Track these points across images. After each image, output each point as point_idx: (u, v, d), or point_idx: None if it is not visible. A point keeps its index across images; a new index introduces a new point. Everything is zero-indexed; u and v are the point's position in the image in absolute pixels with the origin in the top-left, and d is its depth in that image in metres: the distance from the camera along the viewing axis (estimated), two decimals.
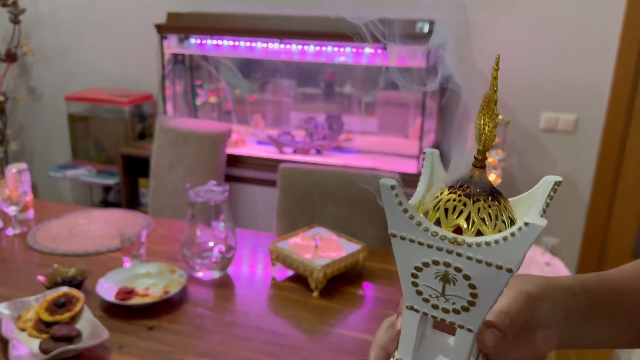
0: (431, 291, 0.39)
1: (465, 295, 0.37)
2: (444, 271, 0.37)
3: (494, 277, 0.36)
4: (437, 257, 0.37)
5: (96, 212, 1.85)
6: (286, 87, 2.87)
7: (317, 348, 1.16)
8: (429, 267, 0.38)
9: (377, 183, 0.39)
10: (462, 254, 0.36)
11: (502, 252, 0.35)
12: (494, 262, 0.35)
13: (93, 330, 1.13)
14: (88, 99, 2.94)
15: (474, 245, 0.35)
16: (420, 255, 0.37)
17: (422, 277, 0.38)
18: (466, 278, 0.37)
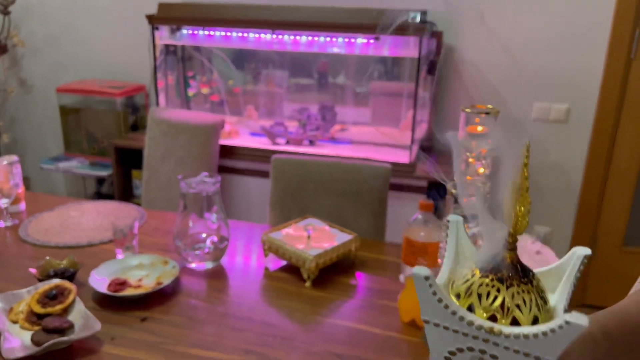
0: None
1: None
2: (479, 357, 0.37)
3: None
4: (473, 344, 0.37)
5: (88, 204, 1.84)
6: (279, 78, 2.86)
7: (309, 338, 1.17)
8: (464, 353, 0.38)
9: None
10: (499, 343, 0.35)
11: (541, 345, 0.34)
12: (532, 354, 0.35)
13: (85, 322, 1.13)
14: (80, 90, 2.92)
15: (512, 337, 0.35)
16: (454, 342, 0.37)
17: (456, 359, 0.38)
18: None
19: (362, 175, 1.80)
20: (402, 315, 1.23)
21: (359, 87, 2.78)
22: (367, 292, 1.37)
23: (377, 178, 1.79)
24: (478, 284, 0.37)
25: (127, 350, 1.10)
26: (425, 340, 1.14)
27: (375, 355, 1.11)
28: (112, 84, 2.96)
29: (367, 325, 1.22)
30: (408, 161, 2.40)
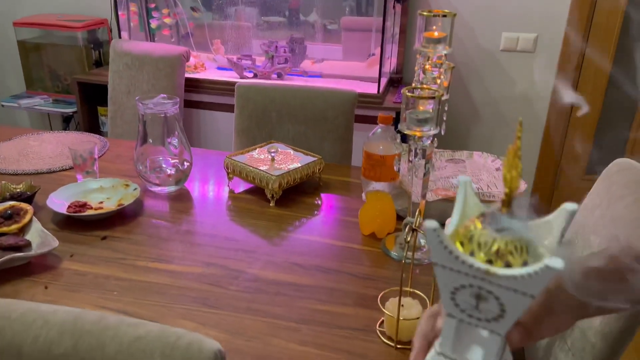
0: (467, 305, 0.47)
1: (495, 309, 0.46)
2: (477, 292, 0.45)
3: (519, 299, 0.44)
4: (472, 282, 0.45)
5: (48, 134, 1.80)
6: (249, 15, 2.77)
7: (272, 251, 1.18)
8: (466, 288, 0.46)
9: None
10: (493, 282, 0.44)
11: (526, 284, 0.42)
12: (519, 290, 0.43)
13: (43, 241, 1.12)
14: (38, 24, 2.80)
15: (502, 277, 0.43)
16: (458, 279, 0.45)
17: (459, 294, 0.47)
18: (496, 298, 0.45)
19: (327, 102, 1.78)
20: (362, 228, 1.24)
21: (330, 23, 2.72)
22: (330, 210, 1.38)
23: (343, 104, 1.78)
24: (479, 234, 0.45)
25: (86, 266, 1.10)
26: (385, 250, 1.16)
27: (335, 263, 1.13)
28: (71, 17, 2.84)
29: (328, 238, 1.24)
30: (377, 92, 2.38)
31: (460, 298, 0.46)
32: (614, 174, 1.13)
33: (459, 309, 0.47)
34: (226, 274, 1.08)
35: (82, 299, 1.00)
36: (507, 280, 0.43)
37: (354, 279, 1.08)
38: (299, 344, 0.90)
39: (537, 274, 0.41)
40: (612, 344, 0.91)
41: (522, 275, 0.42)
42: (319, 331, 0.93)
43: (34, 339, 0.62)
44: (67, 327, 0.63)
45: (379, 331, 0.93)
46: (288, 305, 1.00)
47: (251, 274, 1.09)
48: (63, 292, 1.02)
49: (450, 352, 0.50)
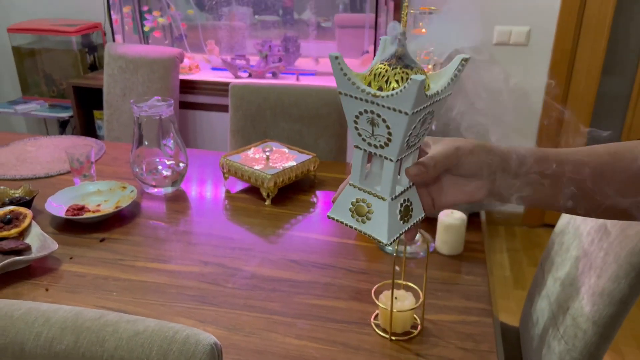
0: (366, 132, 0.54)
1: (384, 134, 0.52)
2: (371, 118, 0.52)
3: (398, 118, 0.50)
4: (366, 107, 0.51)
5: (45, 139, 1.81)
6: (243, 15, 2.78)
7: (268, 248, 1.19)
8: (363, 115, 0.52)
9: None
10: (379, 103, 0.50)
11: (400, 100, 0.49)
12: (397, 108, 0.49)
13: (42, 244, 1.14)
14: (32, 29, 2.81)
15: (385, 97, 0.49)
16: (357, 107, 0.52)
17: (359, 123, 0.54)
18: (384, 121, 0.51)
19: (320, 99, 1.79)
20: None
21: (324, 21, 2.73)
22: (325, 207, 1.40)
23: (336, 101, 1.79)
24: (376, 68, 0.52)
25: (86, 268, 1.12)
26: (378, 244, 1.18)
27: (330, 259, 1.15)
28: (65, 22, 2.85)
29: (324, 235, 1.25)
30: None
31: (361, 126, 0.53)
32: None
33: (361, 138, 0.54)
34: (223, 272, 1.10)
35: (82, 299, 1.02)
36: (387, 99, 0.49)
37: (349, 273, 1.10)
38: (296, 338, 0.92)
39: (406, 89, 0.48)
40: (603, 330, 0.93)
41: (395, 92, 0.48)
42: (315, 325, 0.95)
43: (36, 336, 0.63)
44: (68, 324, 0.64)
45: (373, 324, 0.95)
46: (284, 300, 1.01)
47: (248, 271, 1.11)
48: (63, 294, 1.04)
49: (357, 183, 0.57)
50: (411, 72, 0.51)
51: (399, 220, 0.57)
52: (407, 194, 0.58)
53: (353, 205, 0.58)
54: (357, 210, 0.58)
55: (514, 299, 2.27)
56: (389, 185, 0.55)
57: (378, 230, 0.56)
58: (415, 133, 0.53)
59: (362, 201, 0.57)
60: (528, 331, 1.22)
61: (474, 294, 1.03)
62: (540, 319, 1.15)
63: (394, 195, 0.56)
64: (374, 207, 0.57)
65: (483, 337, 0.92)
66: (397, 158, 0.53)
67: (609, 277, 0.91)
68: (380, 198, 0.56)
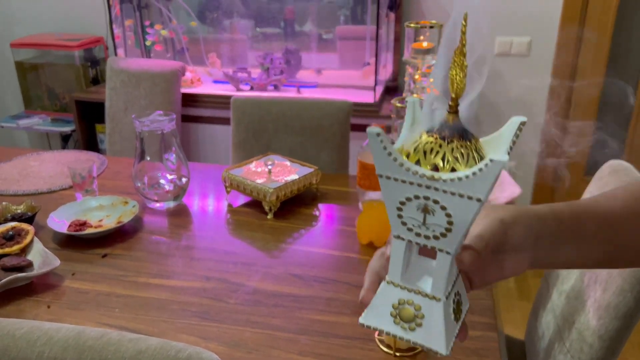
0: (414, 221, 0.44)
1: (442, 223, 0.43)
2: (424, 204, 0.42)
3: (466, 206, 0.41)
4: (418, 192, 0.42)
5: (48, 154, 1.82)
6: (244, 27, 2.80)
7: (270, 263, 1.19)
8: (412, 201, 0.43)
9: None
10: (439, 188, 0.41)
11: (472, 185, 0.40)
12: (465, 194, 0.41)
13: (44, 260, 1.14)
14: (35, 44, 2.83)
15: (448, 181, 0.40)
16: (403, 192, 0.43)
17: (406, 210, 0.44)
18: (443, 209, 0.42)
19: (322, 111, 1.80)
20: (360, 238, 1.25)
21: (326, 33, 2.74)
22: (328, 220, 1.40)
23: (338, 113, 1.79)
24: (424, 143, 0.43)
25: (88, 284, 1.11)
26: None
27: (333, 274, 1.14)
28: (68, 36, 2.87)
29: (326, 249, 1.25)
30: (372, 101, 2.40)
31: (407, 214, 0.44)
32: (607, 175, 1.14)
33: (407, 227, 0.45)
34: (226, 287, 1.10)
35: (85, 316, 1.01)
36: (453, 184, 0.40)
37: (352, 288, 1.09)
38: (299, 354, 0.91)
39: (482, 172, 0.39)
40: (609, 344, 0.92)
41: (467, 175, 0.40)
42: (317, 341, 0.94)
43: (38, 356, 0.63)
44: (70, 344, 0.64)
45: (377, 339, 0.94)
46: (287, 316, 1.01)
47: (250, 286, 1.10)
48: (66, 311, 1.03)
49: (399, 280, 0.47)
50: (471, 144, 0.43)
51: (453, 320, 0.48)
52: (457, 286, 0.49)
53: (395, 308, 0.48)
54: (402, 314, 0.47)
55: (519, 311, 2.26)
56: (443, 283, 0.46)
57: (433, 340, 0.47)
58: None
59: (407, 303, 0.47)
60: (534, 345, 1.21)
61: (478, 308, 1.02)
62: (545, 333, 1.14)
63: (447, 293, 0.47)
64: (425, 310, 0.47)
65: (488, 351, 0.91)
66: (456, 250, 0.45)
67: (614, 290, 0.91)
68: (432, 298, 0.47)
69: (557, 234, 0.54)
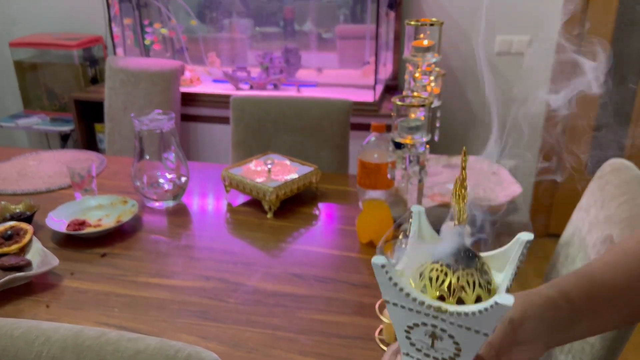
0: (422, 344, 0.45)
1: (450, 348, 0.44)
2: (432, 331, 0.44)
3: (473, 337, 0.42)
4: (425, 320, 0.43)
5: (47, 153, 1.81)
6: (243, 26, 2.79)
7: (270, 262, 1.18)
8: (419, 327, 0.44)
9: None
10: (446, 320, 0.42)
11: (479, 321, 0.41)
12: (472, 328, 0.42)
13: (43, 259, 1.13)
14: (34, 44, 2.82)
15: (455, 314, 0.41)
16: (411, 318, 0.44)
17: (414, 333, 0.45)
18: (450, 337, 0.43)
19: (322, 111, 1.79)
20: (360, 237, 1.25)
21: (325, 32, 2.74)
22: (328, 219, 1.39)
23: (338, 112, 1.79)
24: (429, 269, 0.44)
25: (87, 284, 1.11)
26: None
27: (333, 273, 1.14)
28: (67, 36, 2.86)
29: (326, 248, 1.24)
30: (372, 100, 2.39)
31: (416, 337, 0.45)
32: (607, 174, 1.14)
33: (415, 348, 0.46)
34: (225, 287, 1.09)
35: (84, 316, 1.01)
36: (459, 317, 0.41)
37: (352, 287, 1.09)
38: (299, 354, 0.90)
39: (487, 311, 0.40)
40: (611, 344, 0.92)
41: (472, 312, 0.41)
42: (318, 341, 0.93)
43: (36, 356, 0.62)
44: (69, 343, 0.63)
45: (378, 339, 0.94)
46: (287, 316, 1.00)
47: (250, 286, 1.10)
48: (64, 310, 1.03)
49: None
50: (476, 271, 0.44)
51: None
52: None
53: None
54: None
55: None
56: None
57: None
58: None
59: None
60: None
61: None
62: None
63: None
64: None
65: None
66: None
67: None
68: None
69: (570, 317, 0.54)
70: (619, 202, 1.01)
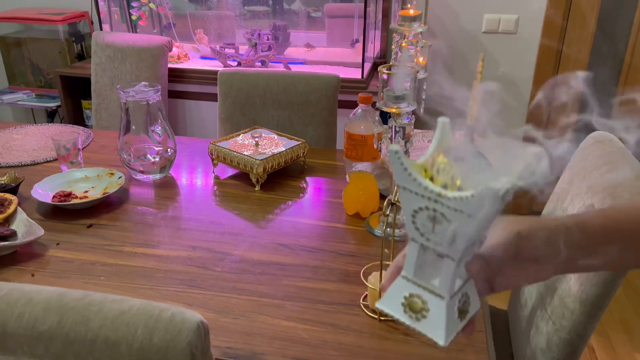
0: (425, 228, 0.50)
1: (448, 233, 0.48)
2: (433, 215, 0.48)
3: (467, 221, 0.46)
4: (428, 204, 0.48)
5: (32, 127, 1.79)
6: (232, 4, 2.76)
7: (257, 233, 1.19)
8: (423, 211, 0.49)
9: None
10: (444, 204, 0.46)
11: (471, 205, 0.45)
12: (465, 212, 0.46)
13: (28, 230, 1.13)
14: (18, 18, 2.77)
15: (452, 199, 0.46)
16: (417, 202, 0.48)
17: (418, 217, 0.49)
18: (448, 221, 0.47)
19: (310, 86, 1.79)
20: (347, 209, 1.25)
21: (314, 11, 2.72)
22: (315, 192, 1.40)
23: (325, 87, 1.78)
24: (439, 162, 0.49)
25: (73, 253, 1.11)
26: (368, 228, 1.18)
27: (320, 243, 1.15)
28: (51, 11, 2.81)
29: (313, 219, 1.25)
30: (360, 77, 2.39)
31: (419, 221, 0.49)
32: (590, 146, 1.15)
33: (419, 232, 0.50)
34: (212, 256, 1.10)
35: (69, 284, 1.01)
36: (455, 202, 0.46)
37: (338, 257, 1.10)
38: (285, 320, 0.91)
39: (479, 195, 0.44)
40: (590, 309, 0.94)
41: (467, 196, 0.45)
42: (303, 307, 0.95)
43: (18, 317, 0.63)
44: (52, 304, 0.64)
45: (362, 305, 0.95)
46: (273, 283, 1.01)
47: (237, 255, 1.10)
48: (50, 279, 1.03)
49: (411, 276, 0.53)
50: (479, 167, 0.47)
51: (456, 318, 0.53)
52: (465, 288, 0.54)
53: (406, 299, 0.54)
54: (411, 306, 0.53)
55: None
56: (448, 284, 0.51)
57: (434, 330, 0.52)
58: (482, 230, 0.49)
59: (416, 297, 0.53)
60: (516, 313, 1.22)
61: None
62: (528, 301, 1.16)
63: (452, 293, 0.52)
64: (430, 305, 0.52)
65: None
66: (460, 258, 0.50)
67: None
68: (437, 295, 0.52)
69: (582, 244, 0.55)
70: (600, 172, 1.03)
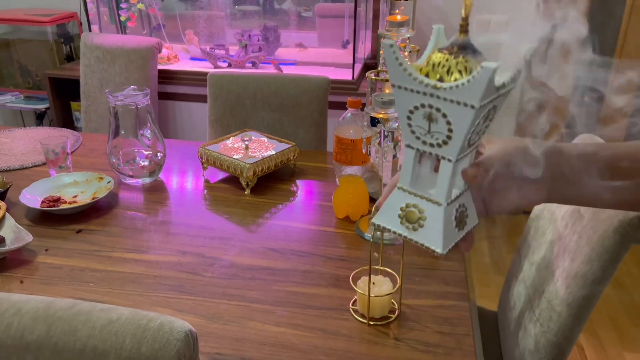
0: (421, 130, 0.49)
1: (444, 130, 0.47)
2: (429, 112, 0.47)
3: (463, 113, 0.45)
4: (424, 100, 0.46)
5: (20, 130, 1.78)
6: (222, 4, 2.76)
7: (247, 237, 1.19)
8: (418, 110, 0.47)
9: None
10: (440, 96, 0.45)
11: (467, 92, 0.44)
12: (462, 101, 0.45)
13: (17, 236, 1.12)
14: (6, 19, 2.75)
15: (448, 89, 0.45)
16: (411, 101, 0.47)
17: (414, 119, 0.49)
18: (444, 116, 0.46)
19: (300, 88, 1.79)
20: (337, 212, 1.26)
21: (305, 11, 2.72)
22: (305, 195, 1.40)
23: (316, 90, 1.79)
24: (435, 58, 0.48)
25: (62, 259, 1.10)
26: (358, 232, 1.19)
27: (310, 247, 1.15)
28: (39, 12, 2.80)
29: (303, 223, 1.25)
30: (351, 78, 2.39)
31: (415, 123, 0.48)
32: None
33: (415, 136, 0.49)
34: (202, 261, 1.10)
35: (58, 291, 1.01)
36: (451, 91, 0.44)
37: (328, 261, 1.10)
38: (275, 325, 0.92)
39: (474, 79, 0.43)
40: (577, 312, 0.95)
41: (462, 83, 0.44)
42: (293, 312, 0.95)
43: (6, 327, 0.62)
44: (40, 314, 0.63)
45: (352, 309, 0.95)
46: (263, 289, 1.01)
47: (227, 260, 1.10)
48: (39, 286, 1.02)
49: (407, 186, 0.52)
50: (475, 60, 0.47)
51: (454, 227, 0.52)
52: (462, 199, 0.53)
53: (402, 211, 0.53)
54: (408, 216, 0.52)
55: (494, 285, 2.30)
56: (445, 189, 0.50)
57: (432, 239, 0.51)
58: (477, 130, 0.48)
59: (413, 206, 0.52)
60: (505, 315, 1.23)
61: (452, 279, 1.04)
62: (517, 303, 1.17)
63: (450, 200, 0.51)
64: (427, 213, 0.51)
65: (460, 320, 0.93)
66: (457, 158, 0.48)
67: (582, 260, 0.93)
68: (434, 203, 0.51)
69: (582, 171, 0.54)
70: None
